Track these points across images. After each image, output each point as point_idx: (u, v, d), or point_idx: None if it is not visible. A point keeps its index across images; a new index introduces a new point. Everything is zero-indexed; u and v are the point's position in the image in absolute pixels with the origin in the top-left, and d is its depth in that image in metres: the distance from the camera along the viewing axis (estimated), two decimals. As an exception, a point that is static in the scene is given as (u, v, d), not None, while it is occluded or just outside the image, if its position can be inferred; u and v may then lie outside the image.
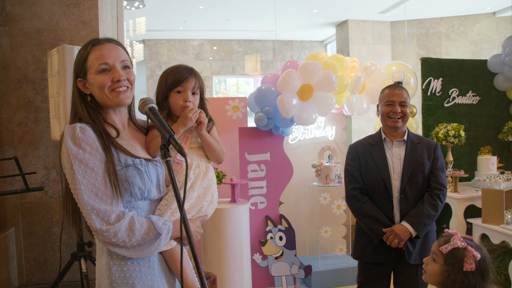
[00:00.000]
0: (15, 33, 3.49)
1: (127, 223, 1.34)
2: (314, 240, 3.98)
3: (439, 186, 2.48)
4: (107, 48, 1.44)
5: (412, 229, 2.38)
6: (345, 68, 3.77)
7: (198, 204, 1.62)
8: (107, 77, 1.41)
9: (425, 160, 2.49)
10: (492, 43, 8.22)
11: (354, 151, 2.64)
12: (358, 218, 2.54)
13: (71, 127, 1.37)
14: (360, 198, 2.52)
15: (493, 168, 4.30)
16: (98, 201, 1.32)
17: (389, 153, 2.53)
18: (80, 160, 1.33)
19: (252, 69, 10.53)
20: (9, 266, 3.45)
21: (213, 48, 10.40)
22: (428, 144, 2.54)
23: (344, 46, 8.48)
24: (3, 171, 3.50)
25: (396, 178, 2.47)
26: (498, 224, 3.40)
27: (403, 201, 2.45)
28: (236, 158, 3.78)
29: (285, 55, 10.73)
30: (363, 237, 2.56)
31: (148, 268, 1.43)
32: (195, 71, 1.75)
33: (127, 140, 1.49)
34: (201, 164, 1.69)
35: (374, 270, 2.52)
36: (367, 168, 2.54)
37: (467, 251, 1.58)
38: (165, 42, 10.11)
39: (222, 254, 3.25)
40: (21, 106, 3.53)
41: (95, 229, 1.31)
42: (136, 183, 1.40)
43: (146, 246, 1.38)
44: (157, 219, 1.42)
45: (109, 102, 1.44)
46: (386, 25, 8.46)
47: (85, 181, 1.32)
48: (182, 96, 1.69)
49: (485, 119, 4.65)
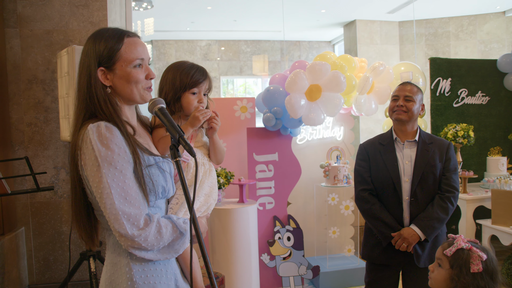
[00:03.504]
0: (25, 34, 3.53)
1: (156, 226, 1.30)
2: (322, 240, 3.97)
3: (450, 189, 2.42)
4: (140, 43, 1.39)
5: (421, 233, 2.34)
6: (353, 68, 3.76)
7: (207, 202, 1.66)
8: (141, 73, 1.37)
9: (437, 162, 2.43)
10: (502, 43, 8.14)
11: (364, 151, 2.59)
12: (367, 219, 2.51)
13: (95, 125, 1.28)
14: (369, 200, 2.48)
15: (503, 169, 4.26)
16: (127, 205, 1.26)
17: (400, 154, 2.48)
18: (109, 162, 1.26)
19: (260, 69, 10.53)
20: (19, 264, 3.49)
21: (221, 49, 10.41)
22: (440, 145, 2.48)
23: (352, 46, 8.45)
24: (14, 171, 3.54)
25: (406, 181, 2.43)
26: (508, 225, 3.38)
27: (414, 204, 2.41)
28: (244, 159, 3.79)
29: (293, 56, 10.72)
30: (372, 238, 2.53)
31: (168, 267, 1.42)
32: (207, 73, 1.75)
33: (142, 137, 1.45)
34: (205, 162, 1.71)
35: (382, 271, 2.50)
36: (377, 170, 2.49)
37: (472, 252, 1.55)
38: (173, 43, 10.15)
39: (230, 254, 3.26)
40: (31, 107, 3.57)
41: (125, 234, 1.25)
42: (159, 182, 1.37)
43: (171, 247, 1.35)
44: (177, 218, 1.39)
45: (137, 98, 1.39)
46: (394, 25, 8.42)
47: (115, 184, 1.26)
48: (197, 97, 1.70)
49: (495, 119, 4.61)
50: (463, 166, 4.29)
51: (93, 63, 1.33)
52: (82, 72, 1.36)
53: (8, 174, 3.42)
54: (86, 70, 1.34)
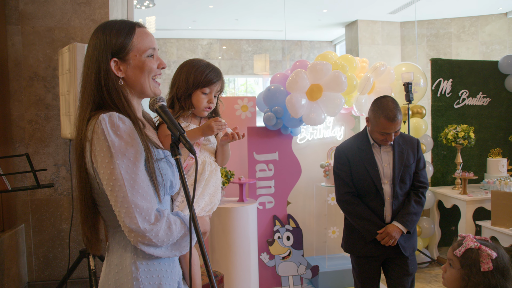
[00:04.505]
0: (27, 31, 3.53)
1: (166, 222, 1.28)
2: (322, 240, 3.98)
3: (423, 185, 2.65)
4: (150, 34, 1.38)
5: (404, 228, 2.54)
6: (355, 68, 3.76)
7: (212, 201, 1.66)
8: (153, 62, 1.35)
9: (411, 162, 2.63)
10: (503, 44, 8.13)
11: (343, 155, 2.68)
12: (352, 219, 2.66)
13: (107, 115, 1.24)
14: (353, 201, 2.63)
15: (503, 170, 4.26)
16: (140, 198, 1.23)
17: (378, 158, 2.62)
18: (123, 153, 1.22)
19: (261, 68, 10.53)
20: (19, 262, 3.49)
21: (222, 48, 10.41)
22: (411, 144, 2.66)
23: (354, 47, 8.45)
24: (14, 167, 3.54)
25: (385, 183, 2.58)
26: (508, 227, 3.38)
27: (395, 204, 2.59)
28: (245, 158, 3.79)
29: (294, 55, 10.71)
30: (354, 232, 2.68)
31: (173, 268, 1.40)
32: (222, 74, 1.76)
33: (151, 131, 1.45)
34: (212, 162, 1.72)
35: (366, 263, 2.66)
36: (358, 173, 2.62)
37: (481, 251, 1.56)
38: (175, 41, 10.15)
39: (229, 253, 3.26)
40: (32, 104, 3.57)
41: (136, 229, 1.21)
42: (168, 176, 1.35)
43: (179, 244, 1.33)
44: (184, 215, 1.38)
45: (147, 90, 1.37)
46: (396, 25, 8.42)
47: (128, 176, 1.22)
48: (207, 97, 1.70)
49: (496, 120, 4.61)
50: (463, 167, 4.29)
51: (104, 55, 1.31)
52: (90, 65, 1.33)
53: (8, 170, 3.42)
54: (95, 63, 1.31)
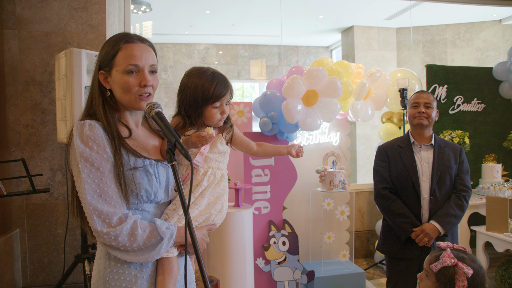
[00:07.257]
0: (24, 36, 3.54)
1: (129, 227, 1.30)
2: (317, 245, 3.98)
3: (465, 188, 2.67)
4: (139, 48, 1.39)
5: (441, 228, 2.53)
6: (350, 74, 3.78)
7: (206, 212, 1.58)
8: (134, 79, 1.37)
9: (452, 164, 2.66)
10: (498, 51, 8.19)
11: (383, 152, 2.80)
12: (387, 216, 2.70)
13: (80, 123, 1.32)
14: (390, 197, 2.68)
15: (497, 176, 4.29)
16: (101, 202, 1.29)
17: (418, 156, 2.69)
18: (86, 159, 1.29)
19: (258, 74, 10.55)
20: (13, 267, 3.47)
21: (219, 53, 10.43)
22: (453, 148, 2.72)
23: (350, 52, 8.48)
24: (10, 172, 3.53)
25: (425, 180, 2.63)
26: (502, 232, 3.39)
27: (433, 202, 2.61)
28: (241, 163, 3.79)
29: (291, 61, 10.74)
30: (391, 233, 2.72)
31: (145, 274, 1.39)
32: (228, 82, 1.73)
33: (138, 140, 1.46)
34: (217, 172, 1.67)
35: (401, 264, 2.67)
36: (396, 170, 2.70)
37: (457, 268, 1.54)
38: (171, 46, 10.16)
39: (225, 258, 3.25)
40: (28, 108, 3.57)
41: (96, 230, 1.28)
42: (143, 185, 1.36)
43: (147, 250, 1.34)
44: (161, 223, 1.38)
45: (129, 105, 1.40)
46: (391, 31, 8.46)
47: (90, 180, 1.29)
48: (219, 110, 1.70)
49: (490, 126, 4.64)
50: (458, 173, 4.32)
51: (97, 65, 1.41)
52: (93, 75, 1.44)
53: (4, 175, 3.42)
54: (93, 73, 1.43)
